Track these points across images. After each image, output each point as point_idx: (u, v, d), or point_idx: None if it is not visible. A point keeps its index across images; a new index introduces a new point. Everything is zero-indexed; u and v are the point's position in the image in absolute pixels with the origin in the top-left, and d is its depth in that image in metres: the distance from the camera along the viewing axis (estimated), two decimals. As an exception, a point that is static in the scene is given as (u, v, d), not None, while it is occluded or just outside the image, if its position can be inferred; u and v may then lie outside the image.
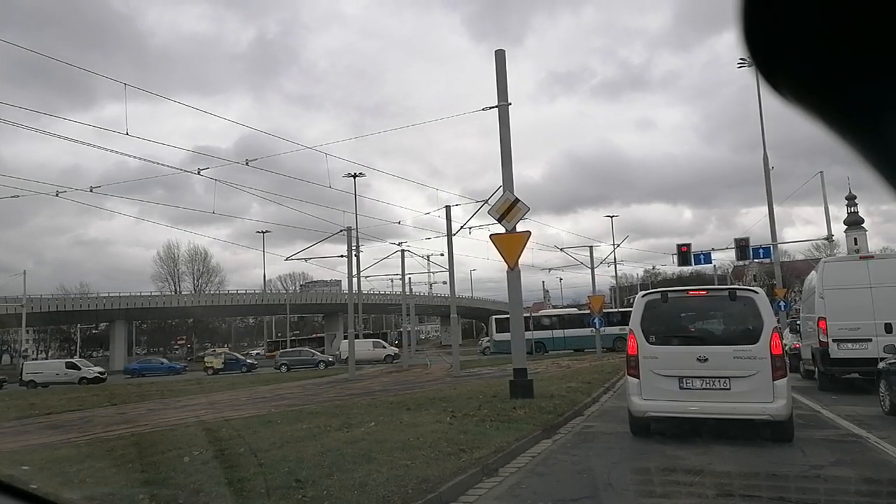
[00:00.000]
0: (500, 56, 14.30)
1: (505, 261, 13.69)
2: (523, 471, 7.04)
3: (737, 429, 8.23)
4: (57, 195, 20.27)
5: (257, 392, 23.13)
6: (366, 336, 57.89)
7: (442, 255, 38.18)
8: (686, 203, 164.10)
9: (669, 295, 9.01)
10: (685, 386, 8.28)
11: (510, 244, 13.71)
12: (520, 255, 13.67)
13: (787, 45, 0.67)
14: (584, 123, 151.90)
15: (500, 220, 13.85)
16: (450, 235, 27.22)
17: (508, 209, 13.68)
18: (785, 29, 0.66)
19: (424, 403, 13.04)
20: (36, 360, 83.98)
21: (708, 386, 8.20)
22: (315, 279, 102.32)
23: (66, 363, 44.93)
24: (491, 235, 14.19)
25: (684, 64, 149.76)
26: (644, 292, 9.52)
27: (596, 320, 36.88)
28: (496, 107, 14.25)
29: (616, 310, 47.52)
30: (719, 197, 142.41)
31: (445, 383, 21.70)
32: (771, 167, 36.03)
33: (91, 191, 19.92)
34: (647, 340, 8.57)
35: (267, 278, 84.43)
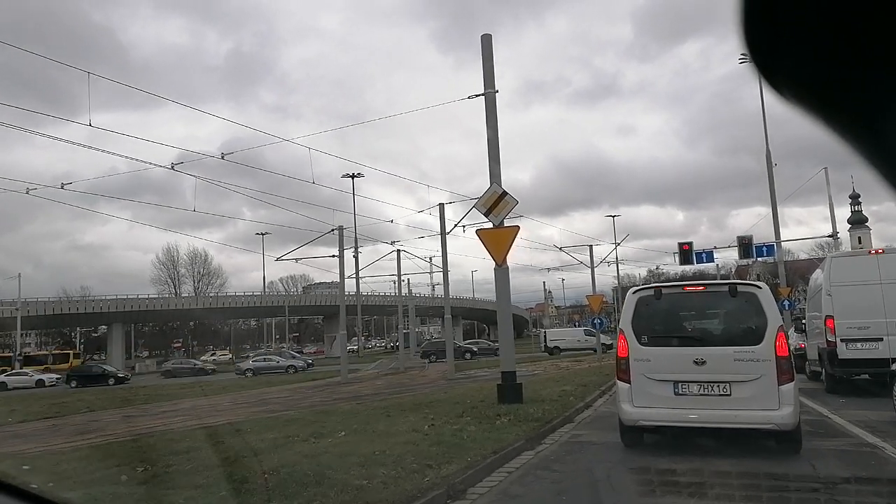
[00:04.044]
0: (486, 41, 13.48)
1: (492, 257, 12.90)
2: (494, 491, 6.20)
3: (738, 439, 7.44)
4: (27, 192, 19.72)
5: (244, 396, 22.45)
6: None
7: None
8: (675, 205, 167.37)
9: (663, 291, 8.17)
10: (681, 391, 7.47)
11: (498, 239, 12.92)
12: (508, 251, 12.87)
13: (787, 46, 0.67)
14: (566, 129, 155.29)
15: (487, 215, 13.06)
16: (443, 234, 26.49)
17: (496, 203, 12.88)
18: (785, 30, 0.66)
19: (408, 409, 12.30)
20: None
21: (706, 391, 7.39)
22: (317, 281, 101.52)
23: (585, 331, 44.94)
24: (478, 231, 13.40)
25: (656, 72, 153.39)
26: (636, 288, 8.69)
27: (596, 320, 36.06)
28: (482, 94, 13.45)
29: None
30: (707, 199, 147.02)
31: (438, 386, 20.94)
32: (774, 164, 35.23)
33: (62, 187, 19.23)
34: (639, 341, 7.76)
35: (267, 280, 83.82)
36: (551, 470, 7.07)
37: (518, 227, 13.15)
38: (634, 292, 8.27)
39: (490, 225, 13.10)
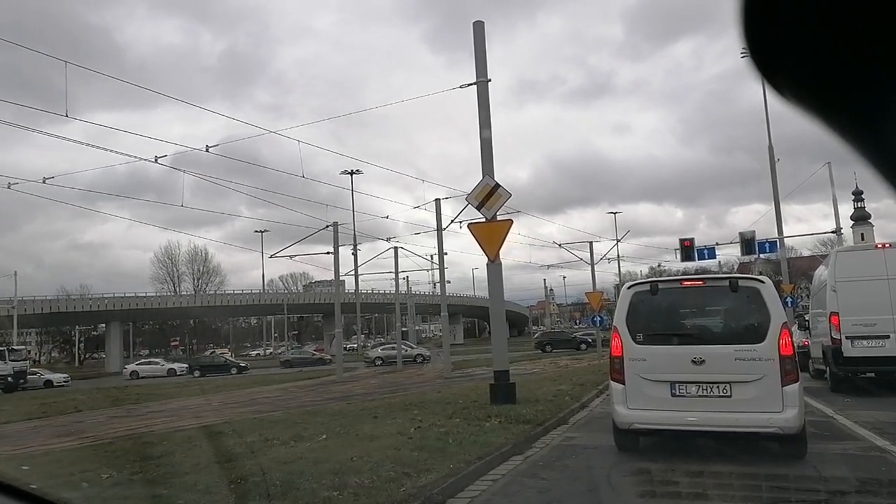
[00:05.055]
0: (478, 28, 13.01)
1: (485, 252, 12.44)
2: (476, 503, 5.76)
3: (739, 443, 6.99)
4: (9, 187, 19.35)
5: (236, 396, 22.05)
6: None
7: (447, 254, 37.02)
8: (673, 203, 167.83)
9: (660, 286, 7.70)
10: (678, 393, 7.02)
11: (490, 234, 12.45)
12: (501, 246, 12.41)
13: (787, 46, 0.68)
14: (562, 128, 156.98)
15: (479, 208, 12.59)
16: (439, 230, 26.06)
17: (488, 195, 12.41)
18: (785, 30, 0.66)
19: (397, 410, 11.87)
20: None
21: (705, 393, 6.94)
22: (317, 279, 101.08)
23: None
24: (469, 225, 12.96)
25: (650, 71, 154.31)
26: (630, 283, 8.23)
27: (596, 318, 35.59)
28: (474, 83, 12.98)
29: None
30: (706, 197, 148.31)
31: (433, 385, 20.54)
32: (777, 159, 34.73)
33: (44, 181, 18.85)
34: (634, 339, 7.30)
35: (268, 279, 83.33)
36: (539, 477, 6.61)
37: (511, 220, 12.72)
38: (629, 287, 7.80)
39: (483, 219, 12.66)
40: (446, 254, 27.75)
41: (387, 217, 63.28)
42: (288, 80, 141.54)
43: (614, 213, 58.42)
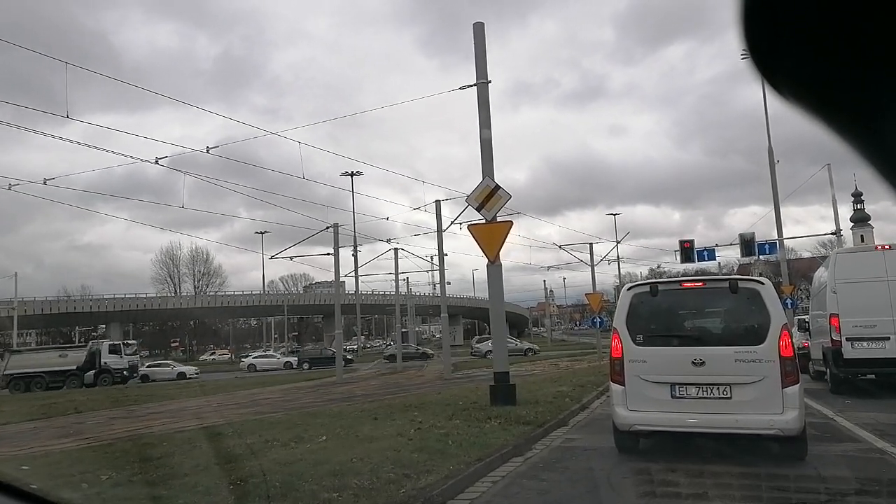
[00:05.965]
0: (478, 29, 13.02)
1: (485, 253, 12.45)
2: (475, 504, 5.77)
3: (739, 444, 6.99)
4: (10, 188, 19.37)
5: (236, 397, 22.02)
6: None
7: (447, 255, 37.00)
8: (671, 204, 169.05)
9: (660, 287, 7.70)
10: (678, 394, 7.02)
11: (490, 235, 12.46)
12: (501, 247, 12.41)
13: (787, 46, 0.68)
14: (559, 130, 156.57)
15: (479, 210, 12.60)
16: (440, 231, 26.05)
17: (488, 197, 12.42)
18: (785, 30, 0.66)
19: (396, 411, 11.85)
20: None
21: (705, 394, 6.94)
22: (318, 280, 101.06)
23: None
24: (470, 226, 12.96)
25: (643, 74, 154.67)
26: (630, 284, 8.23)
27: (596, 319, 35.57)
28: (474, 85, 12.99)
29: None
30: (703, 198, 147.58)
31: (433, 387, 20.50)
32: (777, 161, 34.72)
33: (45, 182, 18.87)
34: (634, 341, 7.30)
35: (268, 280, 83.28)
36: (539, 479, 6.61)
37: (511, 222, 12.73)
38: (629, 288, 7.81)
39: (483, 221, 12.66)
40: (446, 255, 27.79)
41: (387, 219, 63.43)
42: (283, 82, 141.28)
43: (614, 215, 58.45)
